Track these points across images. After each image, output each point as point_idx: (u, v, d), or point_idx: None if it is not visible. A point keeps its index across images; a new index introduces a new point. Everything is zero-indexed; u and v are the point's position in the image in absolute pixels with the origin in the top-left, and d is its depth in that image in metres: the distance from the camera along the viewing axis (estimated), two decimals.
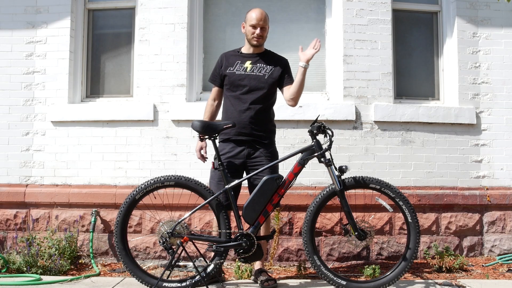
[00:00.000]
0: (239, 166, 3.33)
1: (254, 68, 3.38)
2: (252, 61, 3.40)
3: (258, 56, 3.43)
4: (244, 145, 3.33)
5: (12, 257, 3.81)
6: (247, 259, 3.14)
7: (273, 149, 3.44)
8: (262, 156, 3.33)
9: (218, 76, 3.48)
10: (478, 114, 4.45)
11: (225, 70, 3.42)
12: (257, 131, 3.34)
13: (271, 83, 3.39)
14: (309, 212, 3.16)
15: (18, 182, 4.37)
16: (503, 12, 4.52)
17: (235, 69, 3.40)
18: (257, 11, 3.38)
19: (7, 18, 4.47)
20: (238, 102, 3.34)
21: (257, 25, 3.34)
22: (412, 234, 3.13)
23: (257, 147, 3.34)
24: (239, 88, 3.36)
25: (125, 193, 4.02)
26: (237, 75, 3.38)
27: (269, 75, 3.38)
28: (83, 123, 4.37)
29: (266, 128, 3.41)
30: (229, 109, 3.40)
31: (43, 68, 4.43)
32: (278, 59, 3.48)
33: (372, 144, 4.34)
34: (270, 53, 3.51)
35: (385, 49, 4.41)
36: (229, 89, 3.41)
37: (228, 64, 3.42)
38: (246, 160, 3.33)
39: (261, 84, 3.36)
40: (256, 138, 3.34)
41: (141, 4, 4.44)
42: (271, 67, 3.40)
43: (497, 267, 3.96)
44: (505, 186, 4.41)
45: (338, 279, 3.09)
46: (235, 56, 3.46)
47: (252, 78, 3.36)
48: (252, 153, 3.33)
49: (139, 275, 3.14)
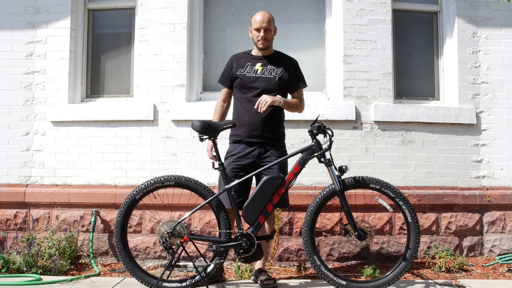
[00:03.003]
0: (250, 166, 3.34)
1: (264, 70, 3.40)
2: (263, 63, 3.42)
3: (268, 58, 3.45)
4: (254, 146, 3.35)
5: (12, 257, 3.81)
6: (247, 259, 3.14)
7: (283, 150, 3.46)
8: (273, 157, 3.34)
9: (228, 77, 3.49)
10: (478, 114, 4.45)
11: (236, 71, 3.43)
12: (268, 133, 3.36)
13: (282, 85, 3.41)
14: (309, 212, 3.16)
15: (18, 182, 4.37)
16: (503, 12, 4.52)
17: (245, 71, 3.41)
18: (260, 14, 3.39)
19: (7, 18, 4.47)
20: (250, 104, 3.35)
21: (260, 28, 3.36)
22: (412, 234, 3.13)
23: (268, 148, 3.36)
24: (250, 90, 3.38)
25: (125, 193, 4.03)
26: (248, 77, 3.39)
27: (280, 77, 3.40)
28: (83, 123, 4.37)
29: (276, 130, 3.43)
30: (240, 111, 3.41)
31: (43, 68, 4.43)
32: (288, 60, 3.50)
33: (372, 144, 4.34)
34: (280, 54, 3.52)
35: (385, 49, 4.41)
36: (239, 91, 3.43)
37: (239, 66, 3.44)
38: (256, 160, 3.34)
39: (272, 86, 3.38)
40: (267, 140, 3.36)
41: (141, 4, 4.44)
42: (281, 68, 3.42)
43: (497, 267, 3.96)
44: (505, 186, 4.41)
45: (338, 279, 3.09)
46: (246, 58, 3.47)
47: (263, 80, 3.38)
48: (262, 153, 3.35)
49: (139, 275, 3.14)
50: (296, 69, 3.50)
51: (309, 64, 4.56)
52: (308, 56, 4.57)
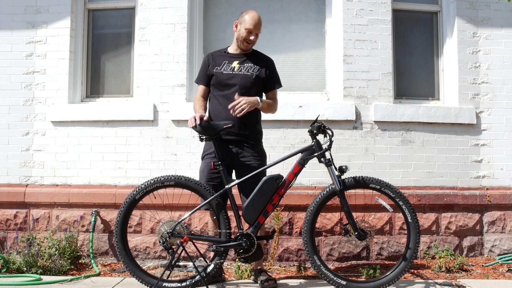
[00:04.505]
0: (229, 165, 3.33)
1: (241, 67, 3.38)
2: (240, 61, 3.40)
3: (246, 56, 3.43)
4: (231, 144, 3.33)
5: (12, 257, 3.81)
6: (247, 259, 3.14)
7: (260, 149, 3.44)
8: (250, 156, 3.33)
9: (205, 75, 3.45)
10: (478, 114, 4.45)
11: (212, 69, 3.41)
12: (245, 131, 3.34)
13: (259, 82, 3.39)
14: (309, 212, 3.16)
15: (18, 182, 4.37)
16: (503, 12, 4.52)
17: (222, 68, 3.39)
18: (256, 16, 3.34)
19: (7, 18, 4.48)
20: (227, 101, 3.30)
21: (253, 31, 3.33)
22: (412, 234, 3.13)
23: (245, 146, 3.34)
24: (227, 87, 3.35)
25: (125, 193, 4.03)
26: (224, 74, 3.37)
27: (257, 74, 3.38)
28: (83, 123, 4.37)
29: (254, 129, 3.41)
30: (217, 108, 3.37)
31: (43, 68, 4.43)
32: (265, 59, 3.48)
33: (372, 144, 4.34)
34: (257, 53, 3.51)
35: (385, 49, 4.41)
36: (216, 88, 3.40)
37: (215, 64, 3.41)
38: (233, 159, 3.33)
39: (249, 84, 3.35)
40: (244, 138, 3.34)
41: (141, 4, 4.44)
42: (259, 67, 3.40)
43: (497, 267, 3.96)
44: (505, 186, 4.41)
45: (338, 279, 3.09)
46: (222, 56, 3.45)
47: (240, 77, 3.35)
48: (240, 152, 3.33)
49: (139, 275, 3.14)
50: (273, 69, 3.48)
51: (309, 64, 4.56)
52: (308, 56, 4.58)
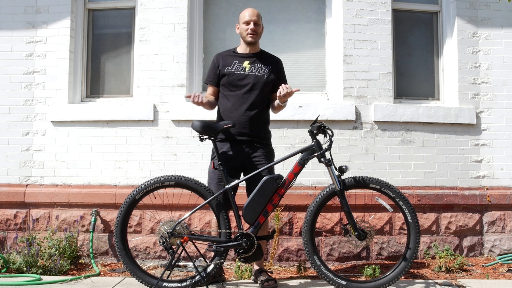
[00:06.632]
0: (238, 165, 3.33)
1: (252, 68, 3.38)
2: (250, 61, 3.40)
3: (255, 56, 3.44)
4: (243, 144, 3.33)
5: (12, 257, 3.81)
6: (247, 259, 3.14)
7: (270, 149, 3.45)
8: (261, 156, 3.33)
9: (215, 76, 3.45)
10: (478, 114, 4.45)
11: (223, 69, 3.40)
12: (256, 131, 3.34)
13: (269, 83, 3.40)
14: (309, 212, 3.16)
15: (18, 182, 4.37)
16: (503, 12, 4.52)
17: (233, 68, 3.39)
18: (249, 9, 3.41)
19: (7, 18, 4.48)
20: (238, 101, 3.33)
21: (250, 21, 3.35)
22: (412, 234, 3.13)
23: (256, 146, 3.35)
24: (239, 87, 3.36)
25: (125, 193, 4.03)
26: (236, 74, 3.37)
27: (268, 75, 3.39)
28: (83, 123, 4.37)
29: (265, 129, 3.44)
30: (228, 109, 3.37)
31: (43, 68, 4.43)
32: (275, 60, 3.49)
33: (372, 144, 4.34)
34: (266, 53, 3.52)
35: (385, 49, 4.41)
36: (227, 88, 3.40)
37: (226, 64, 3.41)
38: (245, 159, 3.33)
39: (261, 84, 3.36)
40: (255, 138, 3.34)
41: (141, 4, 4.44)
42: (269, 67, 3.41)
43: (497, 267, 3.96)
44: (505, 186, 4.41)
45: (338, 279, 3.09)
46: (231, 56, 3.45)
47: (253, 78, 3.36)
48: (251, 152, 3.33)
49: (139, 275, 3.14)
50: (282, 69, 3.50)
51: (309, 64, 4.56)
52: (308, 56, 4.58)
